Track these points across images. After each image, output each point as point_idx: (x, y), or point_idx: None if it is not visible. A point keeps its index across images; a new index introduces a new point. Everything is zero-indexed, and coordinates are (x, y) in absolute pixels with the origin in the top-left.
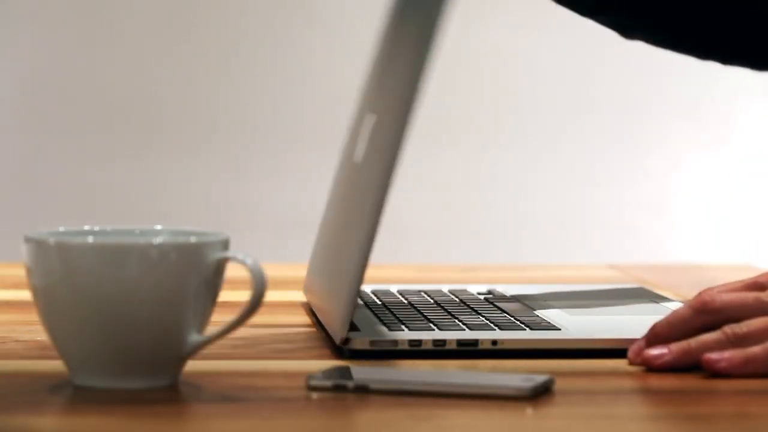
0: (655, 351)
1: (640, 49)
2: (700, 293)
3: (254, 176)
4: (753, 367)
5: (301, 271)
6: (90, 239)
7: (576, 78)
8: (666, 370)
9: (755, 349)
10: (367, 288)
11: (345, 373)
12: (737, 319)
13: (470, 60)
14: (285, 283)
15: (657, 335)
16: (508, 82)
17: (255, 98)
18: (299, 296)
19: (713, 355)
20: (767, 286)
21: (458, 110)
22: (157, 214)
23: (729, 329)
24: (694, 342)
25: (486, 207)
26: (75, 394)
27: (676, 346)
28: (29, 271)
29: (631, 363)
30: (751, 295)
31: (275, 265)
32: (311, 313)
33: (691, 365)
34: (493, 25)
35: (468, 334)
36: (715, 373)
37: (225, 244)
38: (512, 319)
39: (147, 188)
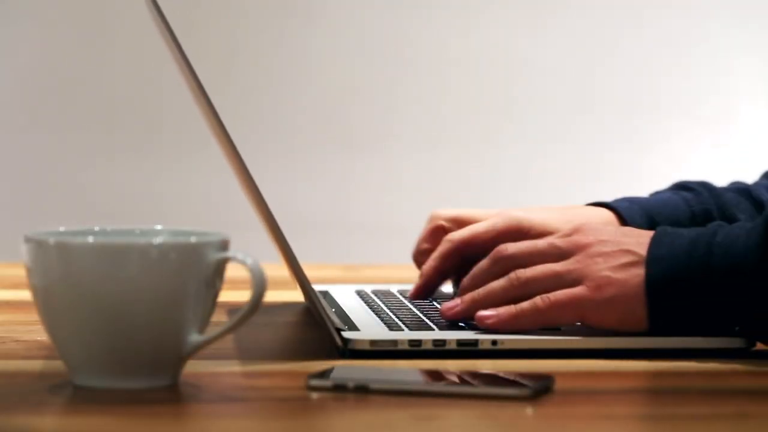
0: (449, 303)
1: (639, 48)
2: (498, 246)
3: (255, 176)
4: (521, 322)
5: None
6: (90, 239)
7: (576, 78)
8: (458, 319)
9: (524, 305)
10: (367, 288)
11: (345, 373)
12: (530, 265)
13: (470, 60)
14: (285, 283)
15: (464, 289)
16: (506, 82)
17: (255, 98)
18: (299, 296)
19: (485, 312)
20: (573, 233)
21: (458, 110)
22: (157, 214)
23: (514, 274)
24: (482, 290)
25: (486, 207)
26: (75, 394)
27: (468, 296)
28: (29, 271)
29: (443, 317)
30: (544, 241)
31: (275, 265)
32: (311, 312)
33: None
34: (492, 25)
35: (468, 334)
36: (487, 328)
37: (225, 244)
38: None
39: (147, 188)
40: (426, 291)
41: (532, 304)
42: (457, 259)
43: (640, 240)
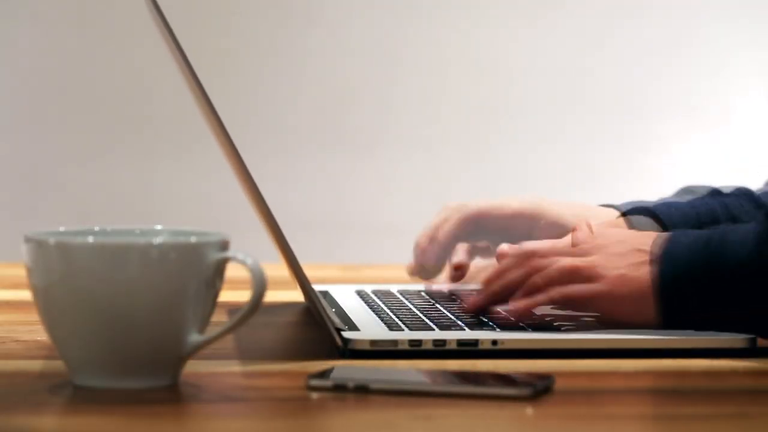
0: (472, 297)
1: (638, 48)
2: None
3: (255, 176)
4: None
5: None
6: (90, 239)
7: (573, 78)
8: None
9: (539, 297)
10: (367, 288)
11: (345, 373)
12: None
13: (469, 60)
14: (285, 283)
15: (484, 283)
16: (505, 83)
17: (255, 98)
18: (299, 296)
19: (503, 308)
20: (590, 239)
21: (458, 110)
22: (157, 214)
23: (535, 261)
24: (502, 280)
25: None
26: (75, 394)
27: (489, 290)
28: (29, 271)
29: (467, 312)
30: (563, 240)
31: (275, 265)
32: (311, 312)
33: (501, 302)
34: (491, 26)
35: (468, 334)
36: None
37: (225, 244)
38: (512, 319)
39: (147, 188)
40: (440, 254)
41: (547, 297)
42: (473, 228)
43: (654, 241)
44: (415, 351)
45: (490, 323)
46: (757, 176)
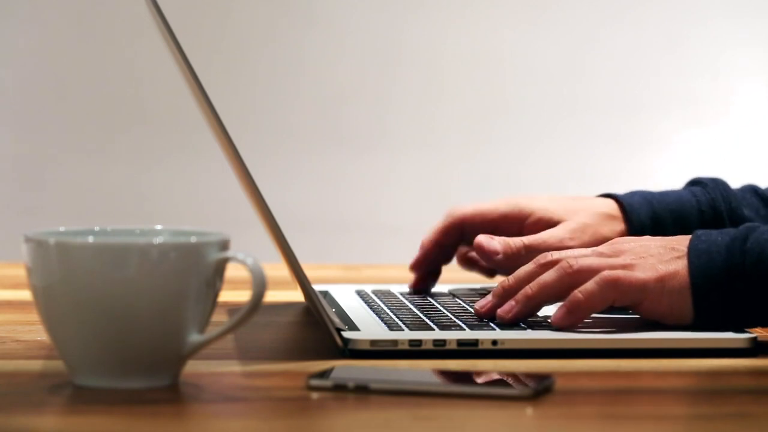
0: (505, 307)
1: (636, 48)
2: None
3: (254, 176)
4: (592, 304)
5: None
6: (90, 239)
7: (571, 77)
8: (518, 320)
9: (588, 286)
10: (367, 288)
11: (345, 373)
12: None
13: (468, 60)
14: (285, 283)
15: (505, 290)
16: (504, 82)
17: (255, 98)
18: (299, 296)
19: (554, 312)
20: (610, 245)
21: (458, 109)
22: (157, 214)
23: (566, 263)
24: (534, 285)
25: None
26: (75, 394)
27: (520, 294)
28: (29, 271)
29: (478, 315)
30: (588, 249)
31: (275, 265)
32: (311, 312)
33: (537, 309)
34: (489, 25)
35: (468, 334)
36: (554, 324)
37: (225, 244)
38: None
39: (147, 188)
40: (424, 263)
41: (599, 281)
42: (458, 234)
43: (680, 240)
44: (415, 351)
45: (491, 323)
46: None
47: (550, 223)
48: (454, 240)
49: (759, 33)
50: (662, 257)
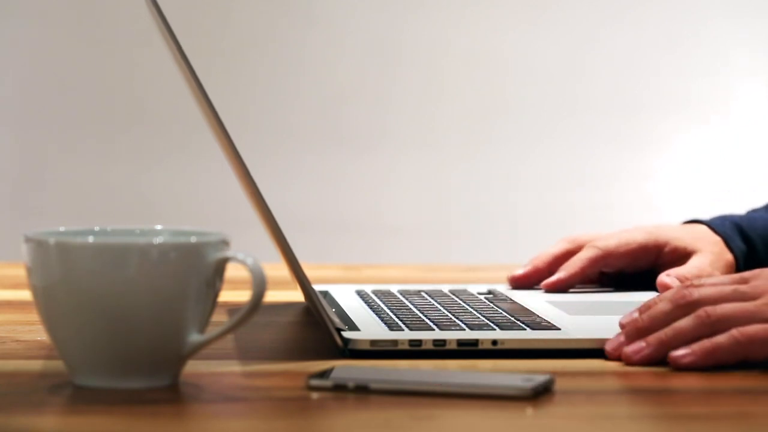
0: (633, 346)
1: (636, 48)
2: (680, 286)
3: (254, 176)
4: (717, 357)
5: None
6: (90, 239)
7: (570, 77)
8: (646, 364)
9: (720, 339)
10: (367, 288)
11: (345, 373)
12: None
13: (467, 60)
14: (285, 283)
15: (639, 330)
16: (503, 82)
17: (255, 98)
18: (299, 296)
19: (679, 352)
20: (750, 279)
21: (458, 110)
22: (157, 214)
23: (704, 312)
24: (669, 330)
25: (486, 207)
26: (75, 394)
27: (653, 338)
28: (29, 271)
29: (610, 358)
30: (730, 288)
31: (275, 265)
32: (311, 312)
33: (666, 354)
34: (488, 25)
35: (468, 334)
36: (682, 368)
37: (225, 244)
38: (512, 319)
39: (147, 188)
40: (566, 286)
41: (730, 337)
42: (600, 266)
43: None
44: (415, 351)
45: (491, 323)
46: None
47: (684, 252)
48: (595, 272)
49: (759, 33)
50: None
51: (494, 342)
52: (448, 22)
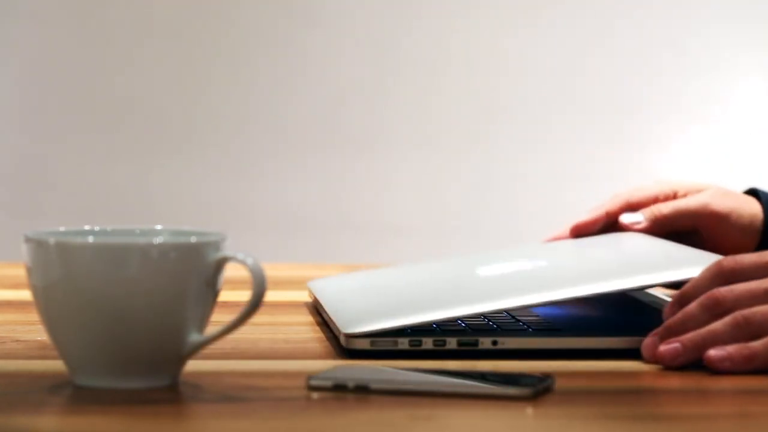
0: (669, 349)
1: (635, 48)
2: (712, 291)
3: (254, 176)
4: (755, 363)
5: (301, 270)
6: (90, 239)
7: (570, 78)
8: (681, 365)
9: (757, 345)
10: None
11: (345, 373)
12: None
13: (466, 60)
14: (285, 283)
15: (671, 331)
16: (502, 82)
17: (255, 98)
18: (299, 296)
19: (716, 354)
20: None
21: (458, 109)
22: (157, 214)
23: (740, 314)
24: (704, 332)
25: (486, 207)
26: (75, 394)
27: (688, 341)
28: (29, 271)
29: (646, 360)
30: (763, 288)
31: (275, 265)
32: (311, 312)
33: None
34: (488, 26)
35: (468, 334)
36: (720, 371)
37: (225, 244)
38: (513, 319)
39: (147, 188)
40: (591, 229)
41: (765, 345)
42: (624, 210)
43: None
44: (415, 351)
45: (491, 323)
46: (758, 175)
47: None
48: (619, 213)
49: (759, 33)
50: None
51: (494, 342)
52: (448, 22)
